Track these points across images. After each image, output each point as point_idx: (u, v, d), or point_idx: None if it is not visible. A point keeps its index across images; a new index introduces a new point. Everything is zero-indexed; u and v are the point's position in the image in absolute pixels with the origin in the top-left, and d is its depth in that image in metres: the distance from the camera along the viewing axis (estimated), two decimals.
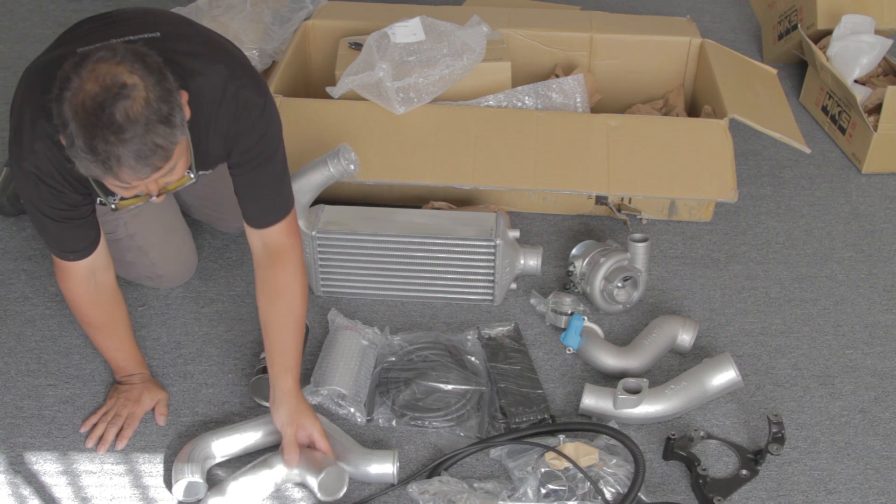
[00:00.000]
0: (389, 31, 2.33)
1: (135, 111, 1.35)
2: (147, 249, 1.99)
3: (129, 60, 1.37)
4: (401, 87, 2.23)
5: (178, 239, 2.07)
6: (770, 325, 2.07)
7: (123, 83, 1.35)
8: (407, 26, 2.35)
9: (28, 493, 1.70)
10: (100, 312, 1.78)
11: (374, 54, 2.26)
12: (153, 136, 1.37)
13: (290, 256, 1.74)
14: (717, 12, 3.29)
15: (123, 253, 1.97)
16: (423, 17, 2.38)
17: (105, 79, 1.35)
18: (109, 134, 1.35)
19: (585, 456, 1.69)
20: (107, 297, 1.78)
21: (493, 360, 1.94)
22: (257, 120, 1.64)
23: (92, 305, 1.77)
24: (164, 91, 1.39)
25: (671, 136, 2.28)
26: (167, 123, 1.39)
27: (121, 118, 1.34)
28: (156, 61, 1.41)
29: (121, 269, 1.99)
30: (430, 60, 2.28)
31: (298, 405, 1.70)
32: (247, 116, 1.63)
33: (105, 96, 1.34)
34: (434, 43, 2.32)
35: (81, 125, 1.35)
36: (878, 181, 2.52)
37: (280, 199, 1.73)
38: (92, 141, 1.35)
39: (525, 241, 2.19)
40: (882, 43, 2.57)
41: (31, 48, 2.90)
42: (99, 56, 1.37)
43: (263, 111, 1.64)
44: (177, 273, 2.09)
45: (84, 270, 1.72)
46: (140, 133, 1.36)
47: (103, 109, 1.34)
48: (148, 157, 1.38)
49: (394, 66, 2.25)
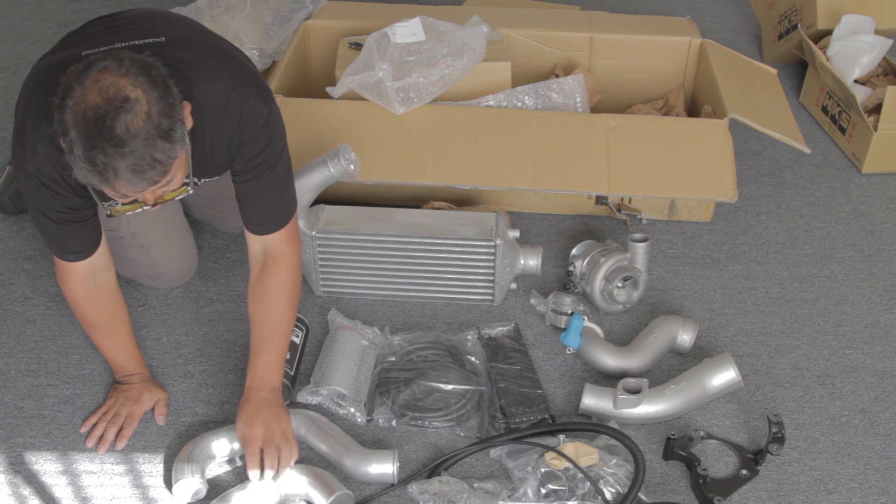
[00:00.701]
0: (389, 31, 2.33)
1: (135, 125, 1.36)
2: (148, 248, 1.99)
3: (134, 73, 1.38)
4: (401, 87, 2.23)
5: (179, 238, 2.07)
6: (770, 325, 2.07)
7: (126, 97, 1.36)
8: (407, 26, 2.35)
9: (28, 493, 1.70)
10: (100, 313, 1.79)
11: (374, 54, 2.26)
12: (152, 150, 1.38)
13: (285, 263, 1.75)
14: (717, 12, 3.29)
15: (125, 250, 1.97)
16: (423, 17, 2.38)
17: (108, 91, 1.35)
18: (109, 147, 1.35)
19: (585, 456, 1.69)
20: (107, 297, 1.78)
21: (493, 360, 1.94)
22: (262, 129, 1.64)
23: (91, 306, 1.77)
24: (167, 105, 1.39)
25: (671, 136, 2.28)
26: (167, 139, 1.39)
27: (121, 132, 1.35)
28: (160, 73, 1.41)
29: (121, 267, 1.99)
30: (430, 60, 2.28)
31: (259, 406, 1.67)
32: (251, 126, 1.63)
33: (107, 108, 1.35)
34: (434, 43, 2.32)
35: (81, 135, 1.35)
36: (878, 181, 2.52)
37: (281, 207, 1.74)
38: (91, 152, 1.36)
39: (525, 241, 2.20)
40: (882, 43, 2.57)
41: (32, 48, 2.89)
42: (104, 66, 1.37)
43: (268, 120, 1.64)
44: (177, 272, 2.09)
45: (84, 271, 1.72)
46: (139, 147, 1.36)
47: (104, 122, 1.34)
48: (146, 171, 1.39)
49: (394, 66, 2.25)
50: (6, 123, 2.60)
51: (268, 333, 1.74)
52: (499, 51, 2.39)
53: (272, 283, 1.74)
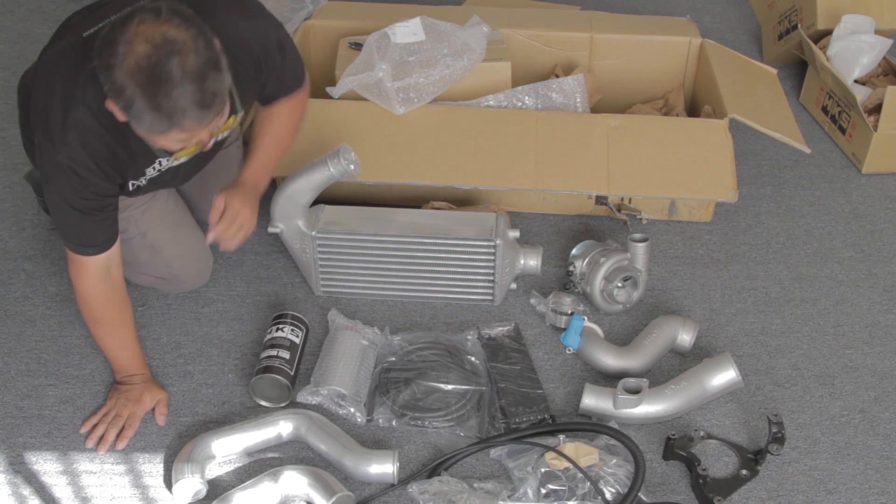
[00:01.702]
0: (389, 31, 2.33)
1: (189, 63, 1.44)
2: (160, 247, 1.99)
3: (171, 18, 1.45)
4: (401, 87, 2.23)
5: (190, 235, 2.06)
6: (770, 325, 2.07)
7: (173, 39, 1.43)
8: (407, 26, 2.35)
9: (28, 493, 1.70)
10: (111, 309, 1.80)
11: (374, 54, 2.26)
12: (209, 83, 1.47)
13: (295, 103, 1.93)
14: (717, 12, 3.29)
15: (137, 254, 1.97)
16: (424, 17, 2.38)
17: (155, 38, 1.42)
18: (171, 89, 1.43)
19: (585, 456, 1.70)
20: (119, 294, 1.81)
21: (493, 360, 1.94)
22: (275, 48, 1.78)
23: (106, 302, 1.79)
24: (207, 41, 1.48)
25: (671, 136, 2.28)
26: (217, 69, 1.49)
27: (178, 73, 1.43)
28: (190, 13, 1.49)
29: (135, 275, 2.01)
30: (430, 60, 2.28)
31: (243, 191, 1.83)
32: (265, 41, 1.75)
33: (159, 55, 1.42)
34: (434, 43, 2.32)
35: (141, 86, 1.42)
36: (878, 181, 2.52)
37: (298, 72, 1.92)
38: (155, 99, 1.43)
39: (525, 241, 2.19)
40: (882, 43, 2.57)
41: (31, 48, 2.89)
42: (140, 19, 1.44)
43: (277, 34, 1.78)
44: (193, 272, 2.07)
45: (101, 265, 1.74)
46: (198, 83, 1.45)
47: (160, 67, 1.42)
48: (209, 103, 1.48)
49: (394, 66, 2.25)
50: (6, 123, 2.60)
51: (269, 143, 1.91)
52: (499, 51, 2.39)
53: (282, 109, 1.90)
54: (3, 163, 2.47)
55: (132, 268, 1.97)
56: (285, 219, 2.01)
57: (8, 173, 2.44)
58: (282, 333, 1.91)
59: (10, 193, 2.38)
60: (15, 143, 2.51)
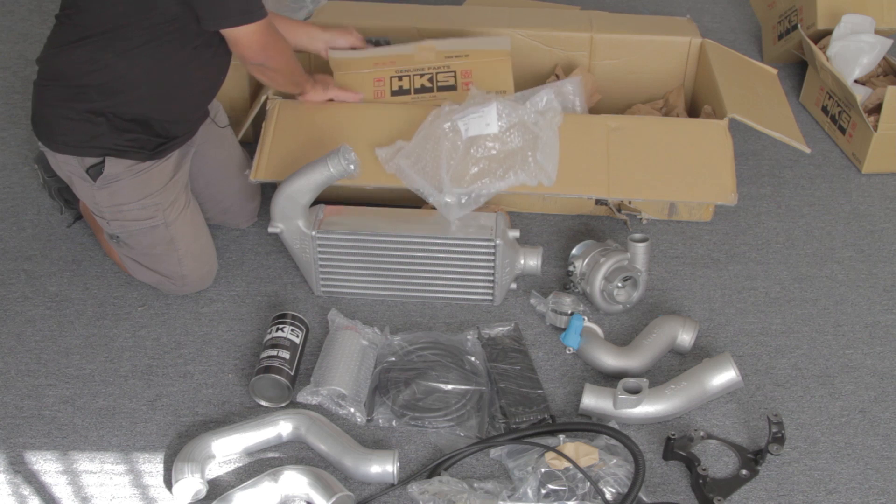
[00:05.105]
0: (461, 122, 2.05)
1: None
2: (178, 241, 2.00)
3: None
4: (460, 193, 2.02)
5: (205, 237, 2.09)
6: (770, 325, 2.07)
7: None
8: (481, 116, 2.06)
9: (28, 493, 1.70)
10: (292, 56, 2.05)
11: (442, 148, 2.03)
12: None
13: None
14: (717, 12, 3.29)
15: (155, 245, 1.99)
16: (499, 101, 2.07)
17: None
18: None
19: (585, 456, 1.70)
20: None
21: (493, 360, 1.94)
22: None
23: (291, 51, 2.03)
24: None
25: (671, 136, 2.27)
26: None
27: None
28: None
29: (141, 271, 2.03)
30: (498, 171, 2.05)
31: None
32: None
33: None
34: (505, 143, 2.06)
35: None
36: (878, 181, 2.52)
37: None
38: None
39: (525, 241, 2.19)
40: (882, 43, 2.57)
41: (31, 48, 2.89)
42: None
43: None
44: (199, 275, 2.08)
45: (271, 22, 1.90)
46: None
47: None
48: None
49: (457, 166, 2.03)
50: (6, 123, 2.60)
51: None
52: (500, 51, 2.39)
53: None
54: (3, 163, 2.47)
55: (143, 260, 2.00)
56: (285, 219, 2.01)
57: (8, 173, 2.44)
58: (282, 333, 1.91)
59: (10, 193, 2.38)
60: (15, 144, 2.52)
